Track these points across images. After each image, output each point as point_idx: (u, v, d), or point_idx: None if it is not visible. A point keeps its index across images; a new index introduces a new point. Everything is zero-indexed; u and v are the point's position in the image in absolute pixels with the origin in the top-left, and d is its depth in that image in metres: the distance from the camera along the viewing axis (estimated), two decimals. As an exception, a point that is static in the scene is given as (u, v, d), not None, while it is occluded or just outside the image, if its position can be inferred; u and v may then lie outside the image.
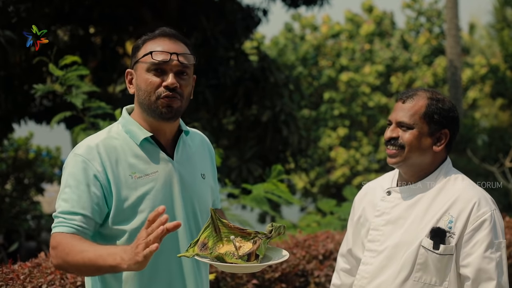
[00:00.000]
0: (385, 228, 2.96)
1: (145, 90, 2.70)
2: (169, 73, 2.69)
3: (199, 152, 2.96)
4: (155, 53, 2.68)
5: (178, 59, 2.69)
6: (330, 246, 5.38)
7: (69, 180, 2.64)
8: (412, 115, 2.89)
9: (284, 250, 2.66)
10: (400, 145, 2.90)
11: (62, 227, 2.58)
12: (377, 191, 3.09)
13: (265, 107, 13.01)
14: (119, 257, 2.37)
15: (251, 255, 2.53)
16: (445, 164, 2.97)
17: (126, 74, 2.81)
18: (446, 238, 2.80)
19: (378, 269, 2.94)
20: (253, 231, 2.64)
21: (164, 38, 2.75)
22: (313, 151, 21.15)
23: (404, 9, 25.17)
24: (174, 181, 2.77)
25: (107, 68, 14.45)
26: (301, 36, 24.38)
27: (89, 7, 12.42)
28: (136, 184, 2.69)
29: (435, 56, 23.38)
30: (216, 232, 2.63)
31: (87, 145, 2.70)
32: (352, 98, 22.78)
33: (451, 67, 16.31)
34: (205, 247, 2.57)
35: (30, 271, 4.15)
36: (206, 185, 2.92)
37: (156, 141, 2.78)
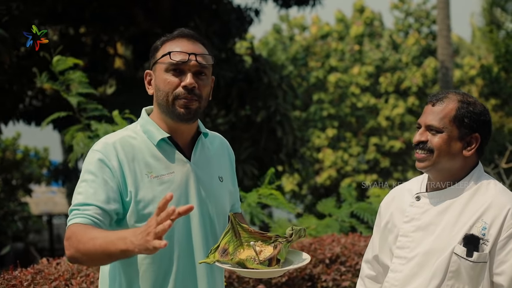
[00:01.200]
0: (415, 235, 2.88)
1: (163, 90, 2.71)
2: (187, 74, 2.69)
3: (218, 154, 2.95)
4: (173, 54, 2.69)
5: (196, 60, 2.70)
6: (337, 250, 5.32)
7: (85, 175, 2.66)
8: (441, 118, 2.81)
9: (304, 253, 2.66)
10: (429, 149, 2.81)
11: (77, 218, 2.56)
12: (405, 196, 3.01)
13: (259, 107, 12.98)
14: (129, 241, 2.32)
15: (272, 260, 2.52)
16: (476, 169, 2.89)
17: (145, 75, 2.81)
18: (479, 245, 2.72)
19: (408, 277, 2.86)
20: (273, 235, 2.62)
21: (183, 38, 2.75)
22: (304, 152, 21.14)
23: (392, 10, 25.21)
24: (191, 182, 2.76)
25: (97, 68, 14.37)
26: (290, 37, 24.37)
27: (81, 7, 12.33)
28: (152, 184, 2.69)
29: (424, 57, 23.46)
30: (236, 237, 2.62)
31: (105, 142, 2.72)
32: (341, 99, 22.79)
33: (442, 68, 16.32)
34: (226, 252, 2.57)
35: (33, 278, 4.11)
36: (223, 188, 2.90)
37: (173, 142, 2.78)
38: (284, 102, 13.34)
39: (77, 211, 2.58)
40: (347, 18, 24.69)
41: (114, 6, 12.71)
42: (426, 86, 22.82)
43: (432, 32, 24.10)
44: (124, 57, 15.89)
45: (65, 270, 4.25)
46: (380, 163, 22.11)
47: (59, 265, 4.42)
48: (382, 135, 22.44)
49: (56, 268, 4.34)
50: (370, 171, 22.18)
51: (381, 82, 22.91)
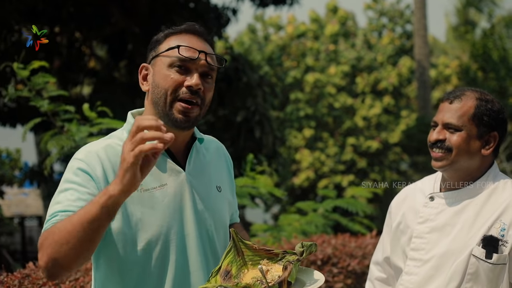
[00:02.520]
0: (430, 236, 2.78)
1: (162, 87, 2.38)
2: (194, 73, 2.38)
3: (214, 161, 2.65)
4: (182, 48, 2.36)
5: (206, 59, 2.39)
6: (328, 251, 5.27)
7: (64, 185, 2.33)
8: (460, 116, 2.73)
9: (316, 271, 2.37)
10: (447, 147, 2.72)
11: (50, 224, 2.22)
12: (417, 196, 2.92)
13: (238, 107, 12.90)
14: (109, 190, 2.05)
15: (283, 283, 2.21)
16: (492, 168, 2.81)
17: (141, 68, 2.48)
18: (499, 247, 2.64)
19: (424, 280, 2.76)
20: (281, 252, 2.34)
21: (192, 35, 2.44)
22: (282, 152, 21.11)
23: (366, 10, 25.29)
24: (186, 194, 2.45)
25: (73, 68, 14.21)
26: (265, 37, 24.35)
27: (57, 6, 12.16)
28: (142, 198, 2.37)
29: (399, 56, 23.54)
30: (239, 255, 2.34)
31: (88, 150, 2.40)
32: (318, 99, 22.79)
33: (419, 68, 16.38)
34: (229, 275, 2.28)
35: (20, 283, 3.98)
36: (222, 199, 2.60)
37: (166, 150, 2.39)
38: (264, 102, 13.28)
39: (52, 219, 2.23)
40: (321, 18, 24.72)
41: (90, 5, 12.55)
42: (401, 86, 22.92)
43: (406, 31, 24.22)
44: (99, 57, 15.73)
45: (53, 275, 4.13)
46: (357, 164, 22.14)
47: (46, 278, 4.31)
48: (359, 135, 22.49)
49: (44, 271, 4.23)
50: (347, 172, 22.19)
51: (358, 82, 22.96)
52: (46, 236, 2.15)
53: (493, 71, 18.28)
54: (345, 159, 22.08)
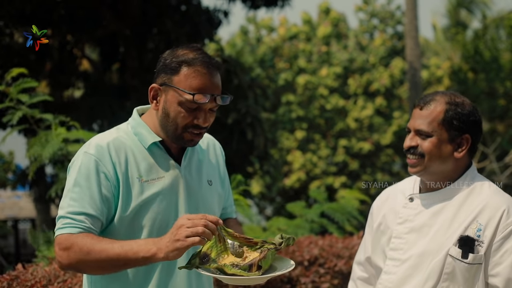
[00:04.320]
0: (409, 236, 2.85)
1: (174, 120, 2.64)
2: (202, 111, 2.62)
3: (207, 157, 2.91)
4: (197, 96, 2.57)
5: (215, 100, 2.63)
6: (315, 252, 5.31)
7: (78, 179, 2.59)
8: (430, 122, 2.78)
9: (290, 259, 2.57)
10: (419, 153, 2.79)
11: (72, 228, 2.53)
12: (398, 197, 2.98)
13: (230, 109, 12.93)
14: (154, 248, 2.39)
15: (253, 266, 2.44)
16: (470, 170, 2.87)
17: (151, 89, 2.68)
18: (475, 247, 2.70)
19: (402, 279, 2.83)
20: (260, 240, 2.55)
21: (204, 70, 2.62)
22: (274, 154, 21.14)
23: (357, 12, 25.34)
24: (180, 187, 2.72)
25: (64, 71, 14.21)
26: (257, 38, 24.36)
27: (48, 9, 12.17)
28: (142, 188, 2.64)
29: (391, 57, 23.58)
30: (220, 241, 2.52)
31: (98, 144, 2.65)
32: (310, 100, 22.82)
33: (411, 69, 16.41)
34: (208, 258, 2.48)
35: (9, 284, 4.03)
36: (212, 192, 2.85)
37: (164, 146, 2.73)
38: (255, 104, 13.31)
39: (71, 221, 2.53)
40: (313, 20, 24.75)
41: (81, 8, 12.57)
42: (393, 87, 22.96)
43: (398, 32, 24.27)
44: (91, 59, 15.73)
45: (42, 276, 4.18)
46: (349, 165, 22.17)
47: (36, 271, 4.34)
48: (351, 137, 22.52)
49: (32, 274, 4.26)
50: (339, 173, 22.23)
51: (349, 83, 22.99)
52: (73, 243, 2.50)
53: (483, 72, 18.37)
54: (337, 160, 22.11)
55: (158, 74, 2.68)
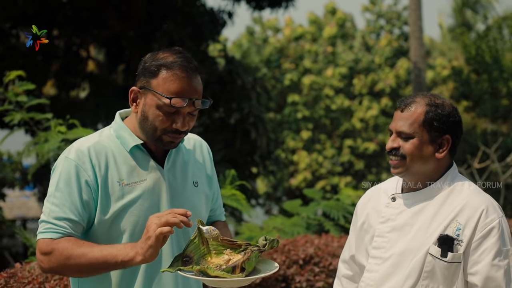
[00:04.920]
0: (391, 235, 2.90)
1: (152, 123, 2.63)
2: (181, 115, 2.62)
3: (193, 158, 2.89)
4: (174, 100, 2.57)
5: (194, 105, 2.62)
6: (310, 251, 5.35)
7: (59, 184, 2.61)
8: (411, 124, 2.83)
9: (275, 262, 2.57)
10: (401, 155, 2.84)
11: (53, 233, 2.55)
12: (381, 196, 3.03)
13: (233, 109, 12.97)
14: (132, 252, 2.42)
15: (236, 268, 2.44)
16: (451, 170, 2.92)
17: (131, 91, 2.68)
18: (454, 246, 2.75)
19: (383, 277, 2.88)
20: (244, 243, 2.55)
21: (183, 73, 2.61)
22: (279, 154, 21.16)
23: (363, 12, 25.33)
24: (163, 190, 2.71)
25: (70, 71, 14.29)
26: (264, 39, 24.38)
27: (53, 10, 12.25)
28: (123, 192, 2.64)
29: (397, 58, 23.56)
30: (203, 244, 2.53)
31: (79, 149, 2.65)
32: (315, 101, 22.83)
33: (415, 69, 16.40)
34: (191, 260, 2.49)
35: (6, 282, 4.07)
36: (198, 194, 2.83)
37: (147, 148, 2.72)
38: (258, 104, 13.36)
39: (52, 226, 2.56)
40: (320, 20, 24.75)
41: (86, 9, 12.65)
42: (399, 87, 22.94)
43: (404, 33, 24.24)
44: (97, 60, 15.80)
45: (38, 274, 4.21)
46: (354, 165, 22.19)
47: (33, 269, 4.40)
48: (356, 137, 22.53)
49: (29, 272, 4.30)
50: (344, 173, 22.25)
51: (355, 84, 22.99)
52: (53, 248, 2.53)
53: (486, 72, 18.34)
54: (342, 160, 22.14)
55: (138, 77, 2.68)
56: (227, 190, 6.03)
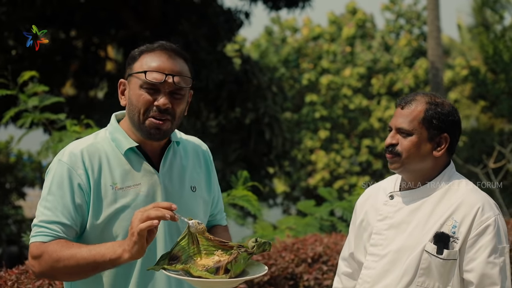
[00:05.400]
0: (388, 233, 2.94)
1: (136, 106, 2.59)
2: (162, 94, 2.57)
3: (192, 162, 2.83)
4: (149, 73, 2.56)
5: (173, 81, 2.57)
6: (319, 250, 5.38)
7: (52, 187, 2.57)
8: (411, 121, 2.87)
9: (264, 265, 2.51)
10: (396, 152, 2.88)
11: (44, 236, 2.51)
12: (380, 194, 3.07)
13: (248, 109, 13.01)
14: (120, 249, 2.37)
15: (220, 269, 2.38)
16: (448, 168, 2.95)
17: (119, 84, 2.68)
18: (449, 243, 2.79)
19: (380, 274, 2.92)
20: (236, 244, 2.49)
21: (162, 53, 2.61)
22: (296, 154, 21.16)
23: (383, 12, 25.26)
24: (158, 194, 2.65)
25: (88, 71, 14.40)
26: (282, 39, 24.40)
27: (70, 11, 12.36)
28: (116, 196, 2.59)
29: (416, 58, 23.47)
30: (193, 244, 2.48)
31: (72, 152, 2.61)
32: (333, 100, 22.81)
33: (432, 69, 16.36)
34: (177, 260, 2.44)
35: (17, 278, 4.11)
36: (196, 199, 2.77)
37: (142, 151, 2.67)
38: (274, 104, 13.38)
39: (44, 229, 2.52)
40: (339, 20, 24.73)
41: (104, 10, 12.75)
42: (418, 87, 22.85)
43: (424, 33, 24.14)
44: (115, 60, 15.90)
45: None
46: (372, 165, 22.15)
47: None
48: (374, 137, 22.48)
49: (40, 268, 4.38)
50: (362, 173, 22.20)
51: (373, 83, 22.96)
52: (43, 251, 2.49)
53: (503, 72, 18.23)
54: (360, 160, 22.10)
55: (125, 70, 2.67)
56: (240, 191, 6.07)
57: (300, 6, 14.16)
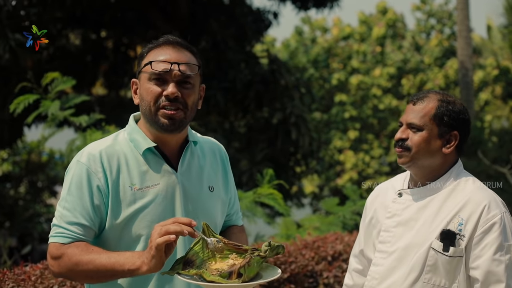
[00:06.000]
0: (396, 230, 2.98)
1: (146, 100, 2.62)
2: (169, 83, 2.61)
3: (209, 162, 2.85)
4: (154, 63, 2.60)
5: (179, 69, 2.60)
6: (339, 248, 5.42)
7: (71, 188, 2.61)
8: (422, 116, 2.92)
9: (278, 268, 2.51)
10: (406, 146, 2.92)
11: (64, 238, 2.56)
12: (389, 192, 3.11)
13: (276, 109, 13.03)
14: (139, 261, 2.40)
15: (233, 273, 2.39)
16: (456, 166, 2.98)
17: (132, 83, 2.74)
18: (456, 241, 2.82)
19: (388, 270, 2.95)
20: (250, 248, 2.49)
21: (167, 46, 2.67)
22: (324, 154, 21.13)
23: (414, 12, 25.13)
24: (177, 194, 2.67)
25: (118, 71, 14.52)
26: (312, 39, 24.38)
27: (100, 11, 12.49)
28: (135, 197, 2.62)
29: (446, 58, 23.31)
30: (207, 248, 2.49)
31: (90, 153, 2.64)
32: (363, 100, 22.75)
33: (462, 69, 16.27)
34: (192, 264, 2.46)
35: (42, 273, 4.20)
36: (214, 199, 2.79)
37: (160, 151, 2.70)
38: (301, 104, 13.39)
39: (63, 230, 2.56)
40: (370, 19, 24.65)
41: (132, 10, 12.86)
42: (448, 88, 22.70)
43: (455, 33, 23.96)
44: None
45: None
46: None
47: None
48: (404, 137, 22.34)
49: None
50: (392, 173, 22.10)
51: (403, 84, 22.85)
52: (63, 253, 2.54)
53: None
54: (390, 160, 22.01)
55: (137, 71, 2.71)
56: (265, 189, 6.11)
57: (328, 6, 14.15)
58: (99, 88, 15.77)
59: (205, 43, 12.62)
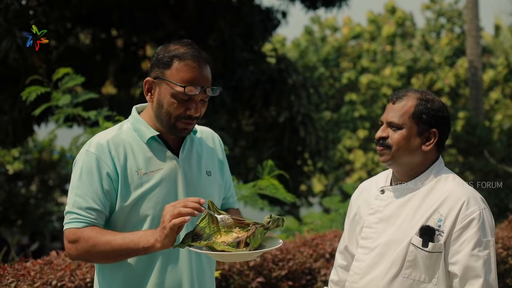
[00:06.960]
0: (378, 226, 3.03)
1: (167, 110, 2.81)
2: (194, 102, 2.80)
3: (206, 149, 3.07)
4: (188, 88, 2.76)
5: (205, 92, 2.81)
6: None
7: (82, 176, 2.79)
8: (401, 115, 2.97)
9: (280, 239, 2.72)
10: (386, 144, 2.97)
11: (78, 223, 2.75)
12: (372, 189, 3.16)
13: (283, 108, 13.07)
14: (152, 238, 2.60)
15: (241, 243, 2.59)
16: (436, 163, 3.02)
17: (145, 82, 2.87)
18: (435, 236, 2.86)
19: (369, 266, 3.01)
20: (252, 222, 2.70)
21: (195, 63, 2.80)
22: (333, 153, 21.13)
23: (423, 11, 25.10)
24: (179, 178, 2.89)
25: (127, 71, 14.59)
26: (322, 38, 24.39)
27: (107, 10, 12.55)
28: (142, 180, 2.82)
29: (457, 57, 23.27)
30: (213, 223, 2.68)
31: (98, 143, 2.84)
32: (373, 99, 22.75)
33: (471, 68, 16.27)
34: (200, 238, 2.64)
35: (41, 268, 4.29)
36: (212, 182, 3.02)
37: (163, 139, 2.91)
38: (308, 103, 13.42)
39: (77, 216, 2.75)
40: (381, 16, 24.64)
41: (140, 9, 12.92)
42: (458, 87, 22.67)
43: (465, 32, 23.91)
44: (153, 59, 16.02)
45: (71, 262, 4.42)
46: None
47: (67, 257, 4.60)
48: (413, 136, 22.31)
49: (64, 259, 4.52)
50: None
51: (413, 83, 22.83)
52: (79, 237, 2.73)
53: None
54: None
55: (152, 68, 2.86)
56: (266, 181, 6.13)
57: (337, 5, 14.18)
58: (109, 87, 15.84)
59: (212, 42, 12.67)
